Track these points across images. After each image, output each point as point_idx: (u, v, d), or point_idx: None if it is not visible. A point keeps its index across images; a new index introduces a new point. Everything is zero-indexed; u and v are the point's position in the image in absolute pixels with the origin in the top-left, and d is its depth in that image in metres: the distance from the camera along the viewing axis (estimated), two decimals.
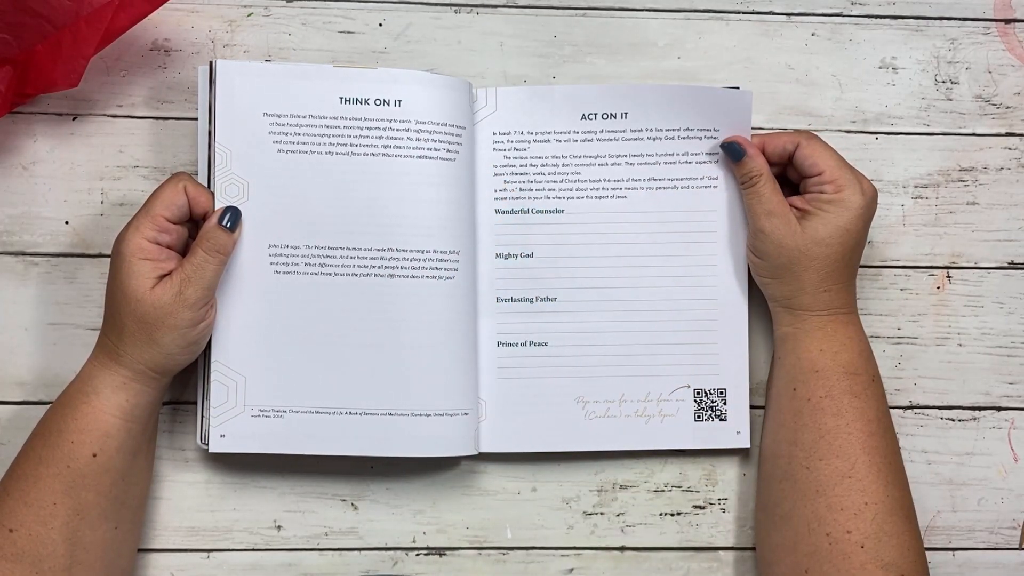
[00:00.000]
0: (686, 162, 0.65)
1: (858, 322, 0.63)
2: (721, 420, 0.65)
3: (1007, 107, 0.69)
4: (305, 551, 0.65)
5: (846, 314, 0.63)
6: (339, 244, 0.62)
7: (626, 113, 0.65)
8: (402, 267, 0.62)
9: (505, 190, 0.66)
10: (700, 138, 0.65)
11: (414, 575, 0.66)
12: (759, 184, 0.62)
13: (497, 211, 0.65)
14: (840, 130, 0.68)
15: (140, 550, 0.64)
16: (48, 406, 0.59)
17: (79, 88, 0.63)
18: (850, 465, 0.59)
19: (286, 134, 0.62)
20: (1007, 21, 0.70)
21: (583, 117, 0.65)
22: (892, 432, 0.62)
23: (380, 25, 0.68)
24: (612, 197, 0.65)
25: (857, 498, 0.59)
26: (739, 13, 0.69)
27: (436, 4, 0.68)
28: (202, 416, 0.62)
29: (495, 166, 0.65)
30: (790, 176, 0.65)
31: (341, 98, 0.62)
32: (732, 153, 0.64)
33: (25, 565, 0.55)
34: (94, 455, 0.57)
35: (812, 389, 0.61)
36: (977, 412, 0.68)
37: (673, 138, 0.65)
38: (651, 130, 0.65)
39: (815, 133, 0.64)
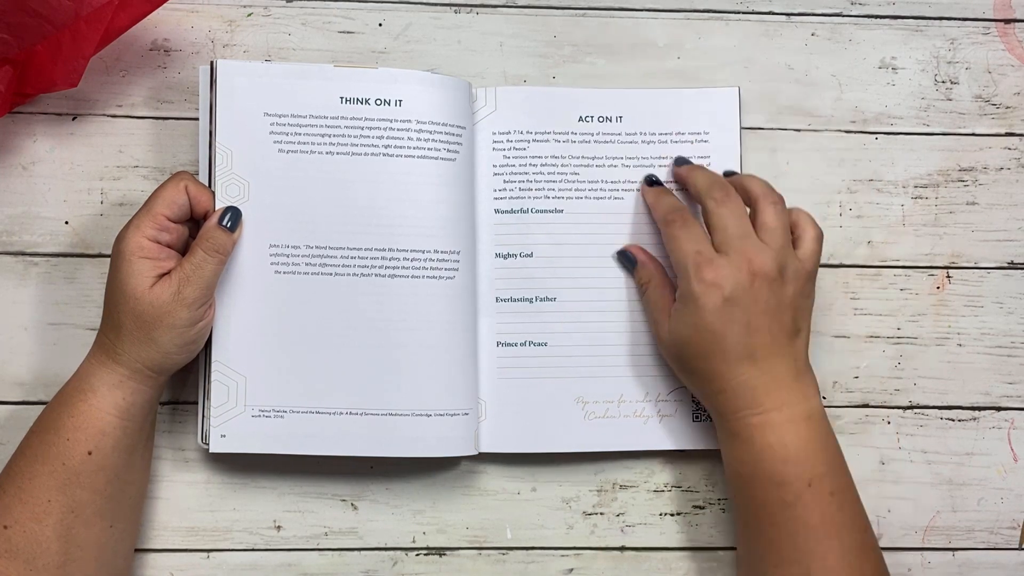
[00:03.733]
0: None
1: (786, 416, 0.57)
2: None
3: (1007, 107, 0.69)
4: (305, 551, 0.65)
5: (759, 415, 0.57)
6: (339, 244, 0.62)
7: (620, 117, 0.65)
8: (402, 267, 0.62)
9: (505, 190, 0.66)
10: (691, 142, 0.65)
11: (414, 575, 0.66)
12: (649, 290, 0.63)
13: (497, 211, 0.65)
14: (840, 130, 0.68)
15: (139, 550, 0.64)
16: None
17: (79, 88, 0.63)
18: (804, 570, 0.56)
19: (287, 134, 0.62)
20: (1007, 21, 0.70)
21: (580, 119, 0.65)
22: (851, 524, 0.57)
23: (380, 25, 0.68)
24: (610, 198, 0.65)
25: None
26: (739, 13, 0.69)
27: (436, 4, 0.68)
28: (202, 416, 0.62)
29: (495, 166, 0.66)
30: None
31: (341, 98, 0.63)
32: (625, 262, 0.64)
33: (19, 562, 0.55)
34: (89, 453, 0.57)
35: (747, 499, 0.58)
36: (977, 412, 0.68)
37: (666, 142, 0.65)
38: (644, 134, 0.66)
39: (718, 199, 0.59)
